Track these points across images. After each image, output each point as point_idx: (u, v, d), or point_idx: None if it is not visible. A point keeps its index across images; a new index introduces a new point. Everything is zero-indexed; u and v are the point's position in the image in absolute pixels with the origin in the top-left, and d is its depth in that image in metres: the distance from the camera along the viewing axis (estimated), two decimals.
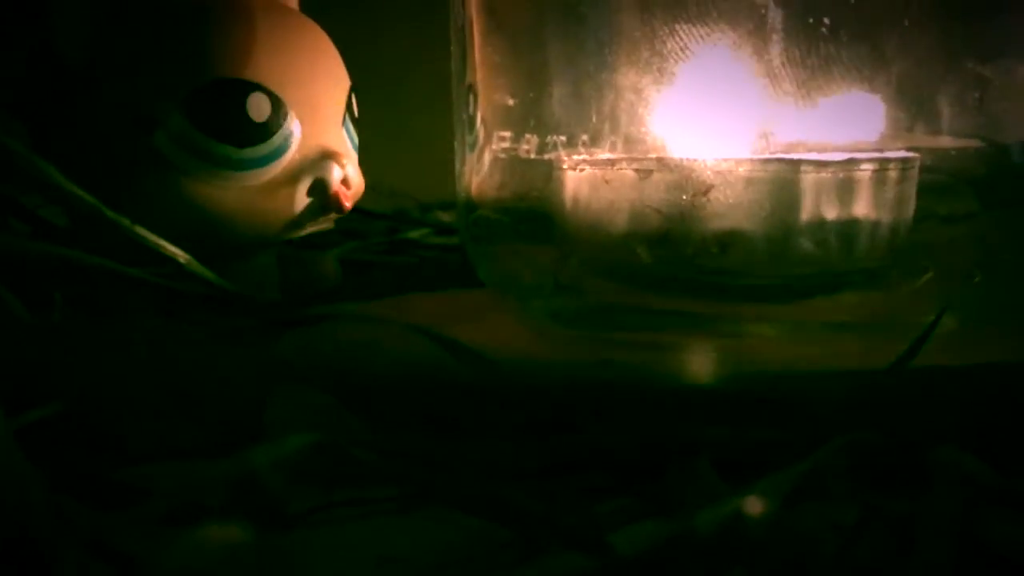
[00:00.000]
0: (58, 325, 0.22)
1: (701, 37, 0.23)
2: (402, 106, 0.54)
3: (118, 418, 0.17)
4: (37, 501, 0.13)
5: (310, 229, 0.28)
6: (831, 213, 0.23)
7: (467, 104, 0.27)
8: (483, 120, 0.26)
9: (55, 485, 0.16)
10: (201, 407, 0.18)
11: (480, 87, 0.26)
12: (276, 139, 0.27)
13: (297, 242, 0.30)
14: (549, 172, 0.25)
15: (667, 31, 0.23)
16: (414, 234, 0.47)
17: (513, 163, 0.26)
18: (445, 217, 0.51)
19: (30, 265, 0.23)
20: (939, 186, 0.24)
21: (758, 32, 0.23)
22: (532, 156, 0.25)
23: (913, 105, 0.23)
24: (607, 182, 0.24)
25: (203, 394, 0.18)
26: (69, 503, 0.15)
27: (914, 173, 0.24)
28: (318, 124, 0.28)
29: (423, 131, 0.42)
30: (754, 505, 0.14)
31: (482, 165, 0.26)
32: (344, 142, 0.29)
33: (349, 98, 0.29)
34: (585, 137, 0.25)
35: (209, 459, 0.15)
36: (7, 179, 0.21)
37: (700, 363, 0.19)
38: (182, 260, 0.22)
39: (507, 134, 0.26)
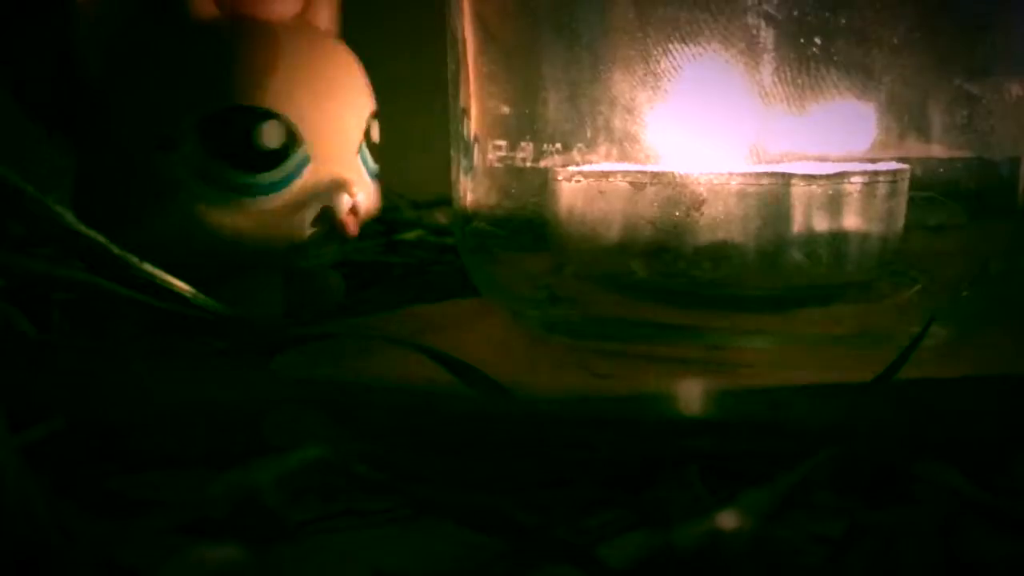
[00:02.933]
0: (59, 341, 0.22)
1: (694, 54, 0.23)
2: (398, 103, 0.54)
3: (118, 435, 0.18)
4: (42, 515, 0.13)
5: (316, 254, 0.28)
6: (821, 226, 0.23)
7: (462, 124, 0.27)
8: (479, 131, 0.27)
9: (58, 497, 0.16)
10: (200, 425, 0.18)
11: (476, 97, 0.27)
12: (287, 166, 0.27)
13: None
14: (544, 183, 0.25)
15: (660, 50, 0.23)
16: (410, 235, 0.47)
17: (509, 175, 0.26)
18: (440, 217, 0.51)
19: (28, 281, 0.23)
20: (928, 198, 0.24)
21: (750, 48, 0.23)
22: (528, 164, 0.26)
23: (902, 121, 0.24)
24: (601, 194, 0.24)
25: (202, 413, 0.18)
26: (72, 516, 0.16)
27: (904, 185, 0.24)
28: (332, 152, 0.28)
29: (419, 128, 0.42)
30: (740, 518, 0.14)
31: (478, 178, 0.27)
32: (358, 169, 0.29)
33: (369, 125, 0.29)
34: (581, 145, 0.25)
35: (211, 472, 0.15)
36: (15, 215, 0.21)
37: (691, 393, 0.19)
38: (187, 295, 0.22)
39: (503, 143, 0.26)
